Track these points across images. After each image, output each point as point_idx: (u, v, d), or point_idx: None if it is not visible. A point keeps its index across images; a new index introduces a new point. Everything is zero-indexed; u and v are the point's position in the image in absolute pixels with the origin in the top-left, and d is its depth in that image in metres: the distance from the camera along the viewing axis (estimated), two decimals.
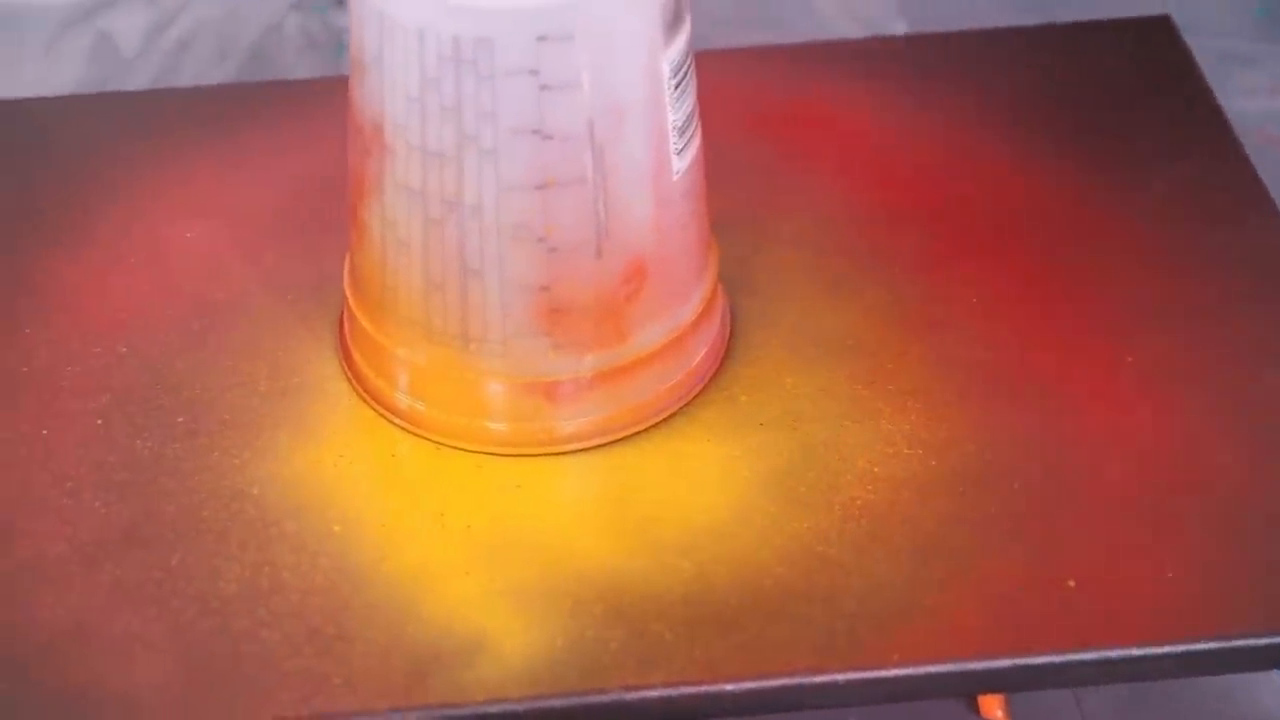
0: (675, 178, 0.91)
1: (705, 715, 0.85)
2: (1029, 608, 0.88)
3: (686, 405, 0.96)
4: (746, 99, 1.12)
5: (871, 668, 0.85)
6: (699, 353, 0.96)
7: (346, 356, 0.98)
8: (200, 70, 1.42)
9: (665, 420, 0.96)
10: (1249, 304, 1.00)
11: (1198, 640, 0.86)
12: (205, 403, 0.96)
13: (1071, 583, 0.88)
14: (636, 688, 0.85)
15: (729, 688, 0.85)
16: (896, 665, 0.85)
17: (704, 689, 0.85)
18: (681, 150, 0.91)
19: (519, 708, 0.84)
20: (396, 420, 0.95)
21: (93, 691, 0.85)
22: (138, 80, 1.45)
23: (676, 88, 0.90)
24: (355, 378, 0.97)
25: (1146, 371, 0.98)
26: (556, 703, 0.84)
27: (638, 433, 0.95)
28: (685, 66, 0.90)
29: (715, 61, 1.13)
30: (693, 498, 0.92)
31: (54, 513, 0.91)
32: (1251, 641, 0.86)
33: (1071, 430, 0.95)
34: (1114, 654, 0.85)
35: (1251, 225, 1.04)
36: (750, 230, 1.05)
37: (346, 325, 0.97)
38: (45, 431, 0.95)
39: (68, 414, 0.96)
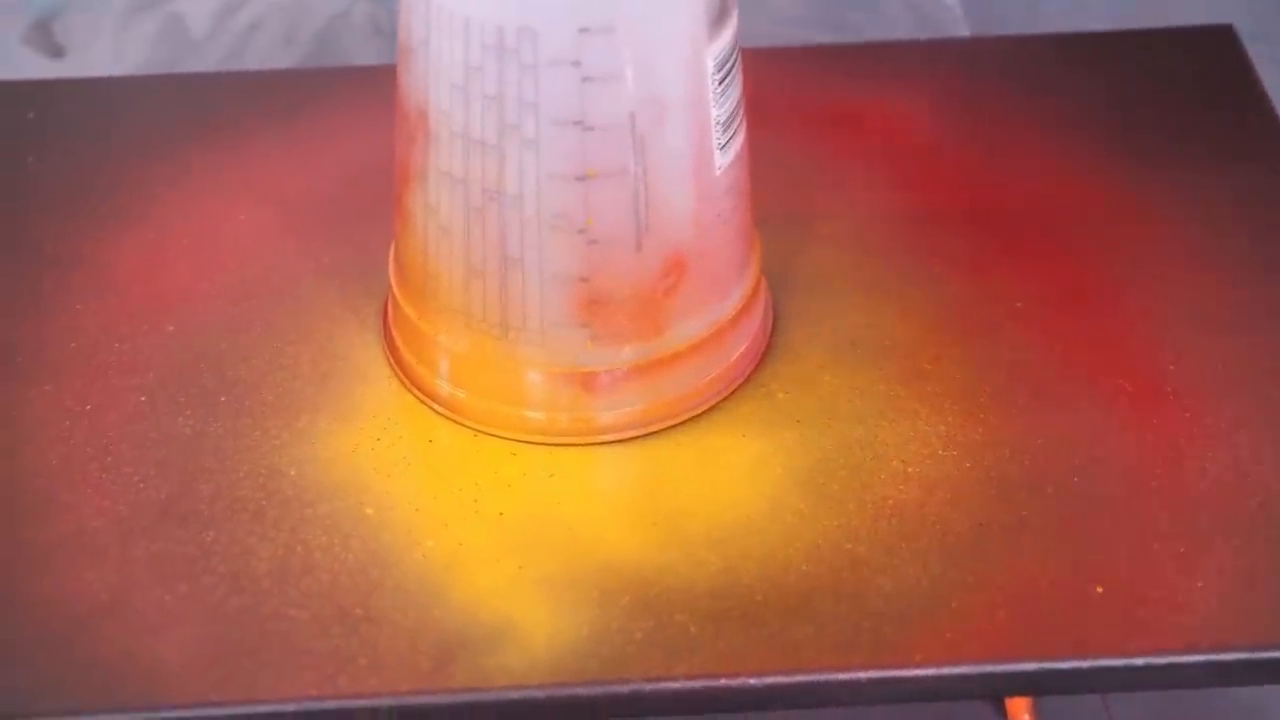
0: (718, 173, 0.91)
1: (727, 708, 0.86)
2: (1056, 612, 0.88)
3: (724, 400, 0.97)
4: (801, 97, 1.12)
5: (894, 666, 0.85)
6: (738, 349, 0.97)
7: (389, 342, 0.98)
8: (267, 54, 1.43)
9: (702, 415, 0.96)
10: None
11: (1225, 650, 0.85)
12: (249, 383, 0.97)
13: (1100, 589, 0.88)
14: (658, 679, 0.85)
15: (751, 681, 0.85)
16: (919, 665, 0.85)
17: (726, 682, 0.85)
18: (725, 145, 0.91)
19: (541, 695, 0.85)
20: (435, 406, 0.96)
21: (122, 665, 0.86)
22: (205, 62, 1.47)
23: (721, 83, 0.90)
24: (397, 363, 0.97)
25: (1189, 379, 0.97)
26: (579, 691, 0.85)
27: (673, 426, 0.96)
28: (730, 62, 0.90)
29: (771, 59, 1.13)
30: (724, 492, 0.93)
31: (94, 487, 0.92)
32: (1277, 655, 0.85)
33: (1109, 436, 0.94)
34: (1137, 661, 0.84)
35: None
36: (796, 228, 1.05)
37: (390, 311, 0.98)
38: (89, 406, 0.96)
39: (112, 390, 0.97)
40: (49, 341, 0.99)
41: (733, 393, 0.97)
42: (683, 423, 0.96)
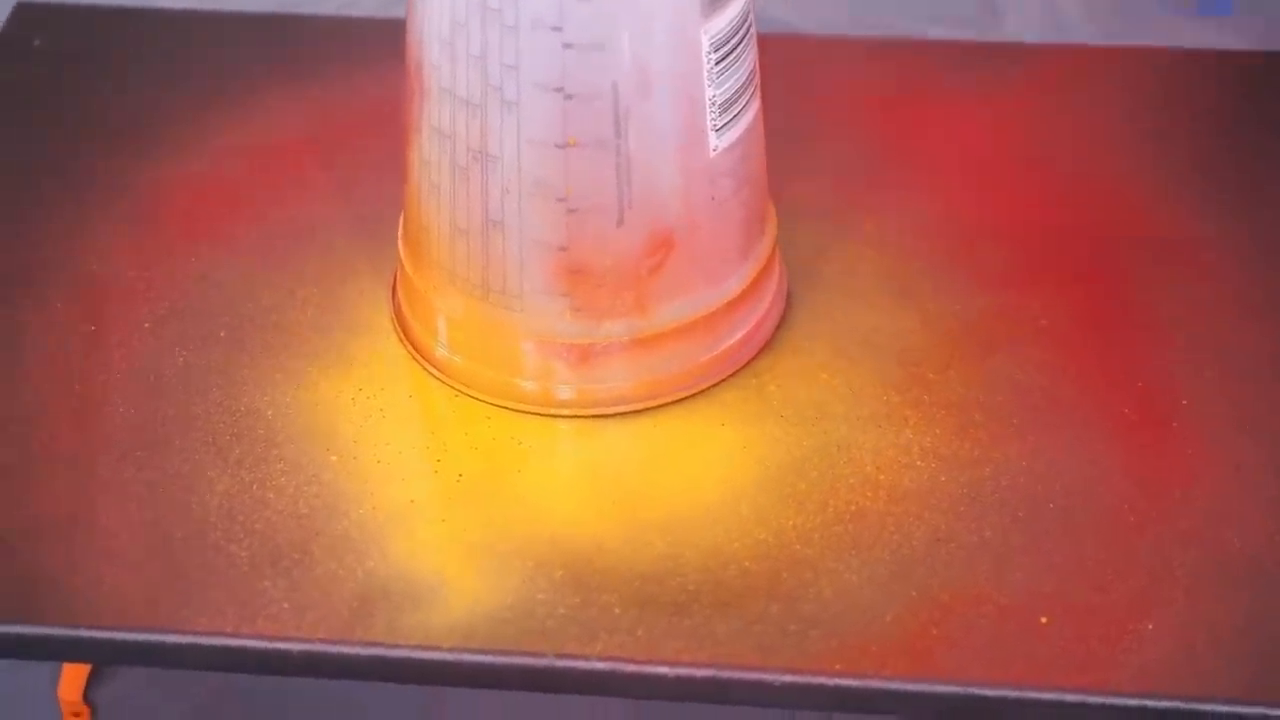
0: (712, 154, 0.90)
1: (637, 695, 0.84)
2: (992, 637, 0.84)
3: (712, 387, 0.95)
4: (861, 90, 1.10)
5: (809, 673, 0.83)
6: (732, 337, 0.95)
7: (392, 294, 0.98)
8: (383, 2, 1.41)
9: (686, 399, 0.94)
10: None
11: (1153, 697, 0.81)
12: (253, 323, 0.98)
13: (1045, 619, 0.85)
14: (569, 656, 0.84)
15: (662, 670, 0.83)
16: (835, 675, 0.83)
17: (636, 668, 0.84)
18: (722, 128, 0.90)
19: (448, 658, 0.84)
20: (421, 361, 0.95)
21: (59, 581, 0.87)
22: (327, 5, 1.46)
23: (719, 63, 0.88)
24: (395, 317, 0.98)
25: (1197, 418, 0.93)
26: (486, 659, 0.84)
27: (653, 407, 0.94)
28: (734, 43, 0.89)
29: (837, 49, 1.11)
30: (687, 479, 0.91)
31: (75, 408, 0.94)
32: (1214, 708, 0.81)
33: (1099, 468, 0.91)
34: (1048, 696, 0.81)
35: None
36: (832, 223, 1.03)
37: (397, 266, 0.98)
38: (92, 328, 0.98)
39: (121, 316, 0.99)
40: (73, 261, 1.01)
41: (723, 380, 0.95)
42: (663, 405, 0.94)
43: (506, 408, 0.94)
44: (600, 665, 0.84)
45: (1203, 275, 1.00)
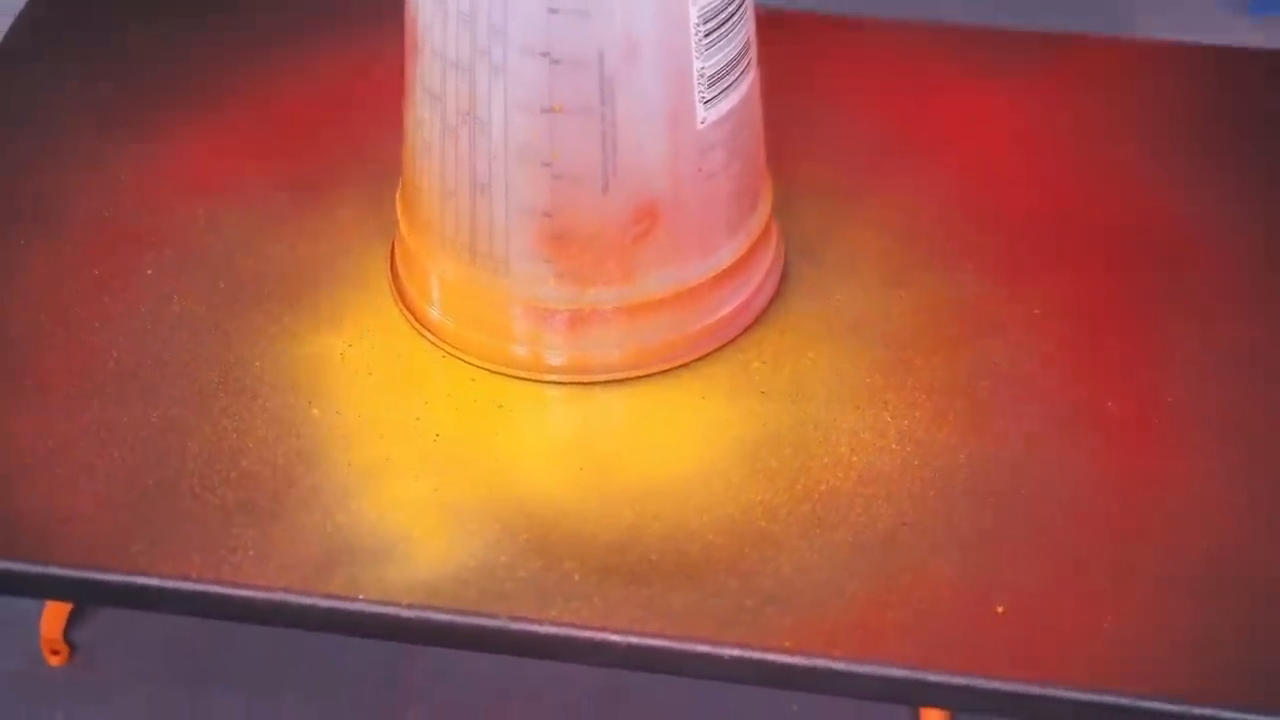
0: (700, 126, 0.90)
1: (587, 661, 0.85)
2: (946, 623, 0.85)
3: (696, 360, 0.95)
4: (876, 72, 1.10)
5: (759, 649, 0.83)
6: (720, 310, 0.95)
7: (391, 255, 0.99)
8: None
9: (668, 370, 0.95)
10: None
11: (1099, 693, 0.81)
12: (254, 275, 0.99)
13: (1000, 608, 0.85)
14: (523, 619, 0.84)
15: (613, 638, 0.84)
16: (785, 652, 0.83)
17: (589, 635, 0.84)
18: (711, 100, 0.90)
19: (405, 614, 0.85)
20: (414, 322, 0.96)
21: (36, 518, 0.89)
22: None
23: (707, 36, 0.88)
24: (391, 276, 0.98)
25: (1183, 417, 0.93)
26: (439, 618, 0.85)
27: (635, 377, 0.94)
28: (724, 16, 0.89)
29: (858, 29, 1.11)
30: (662, 451, 0.91)
31: (66, 348, 0.95)
32: (1160, 706, 0.81)
33: (1073, 461, 0.91)
34: (993, 685, 0.81)
35: None
36: (839, 204, 1.03)
37: (395, 226, 0.99)
38: (96, 272, 1.00)
39: (124, 261, 1.00)
40: (84, 201, 1.03)
41: (710, 353, 0.95)
42: (646, 375, 0.95)
43: (493, 371, 0.94)
44: (553, 630, 0.84)
45: (1204, 274, 0.99)
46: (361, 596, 0.86)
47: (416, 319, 0.97)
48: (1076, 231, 1.02)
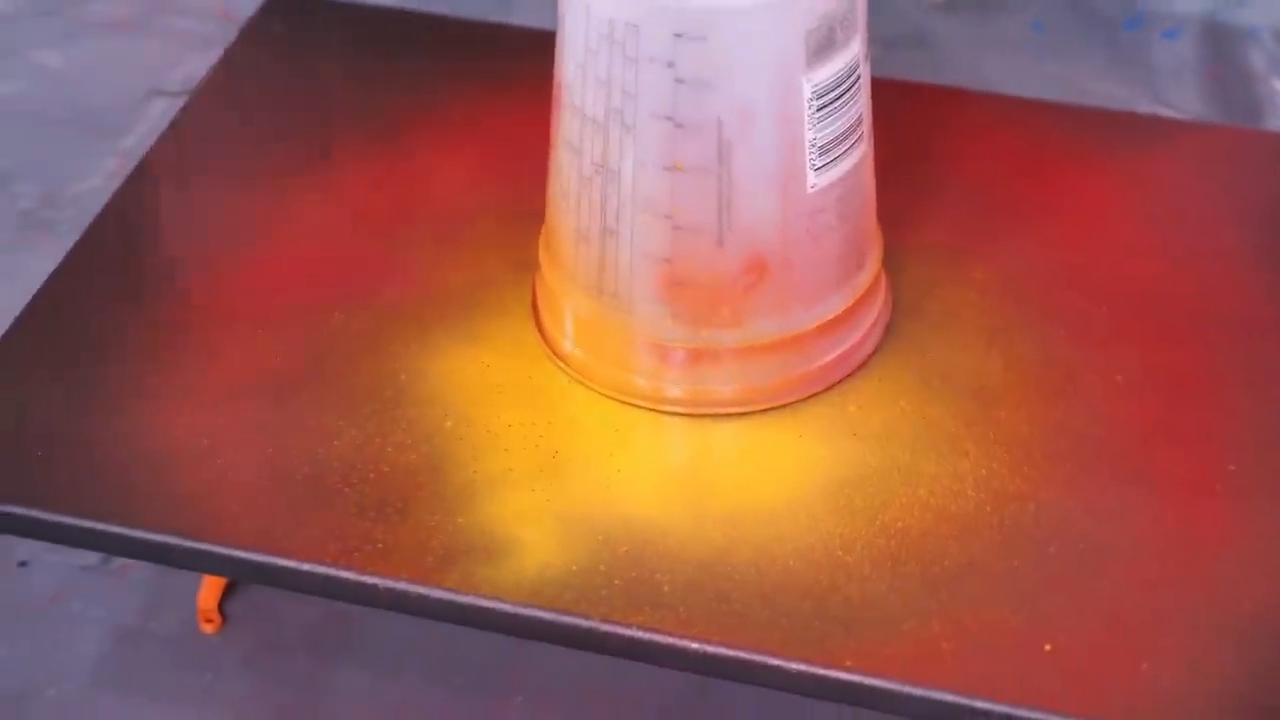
0: (810, 190, 0.99)
1: (665, 664, 0.94)
2: (996, 656, 0.93)
3: (798, 401, 1.04)
4: (997, 144, 1.18)
5: (820, 664, 0.92)
6: (824, 357, 1.04)
7: (533, 288, 1.10)
8: None
9: (772, 409, 1.04)
10: None
11: None
12: (410, 296, 1.10)
13: (1048, 647, 0.93)
14: (613, 622, 0.94)
15: (692, 646, 0.93)
16: (844, 669, 0.92)
17: (669, 640, 0.94)
18: (822, 167, 0.99)
19: (511, 609, 0.95)
20: (547, 350, 1.07)
21: (195, 501, 1.00)
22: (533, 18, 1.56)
23: (821, 109, 0.98)
24: (532, 306, 1.09)
25: (1241, 483, 1.00)
26: (544, 615, 0.95)
27: (742, 413, 1.04)
28: (840, 91, 0.98)
29: (987, 103, 1.20)
30: (757, 482, 1.01)
31: (224, 345, 1.06)
32: None
33: (1135, 518, 0.98)
34: (1037, 716, 0.89)
35: None
36: (945, 263, 1.12)
37: (536, 262, 1.10)
38: (265, 288, 1.11)
39: (287, 271, 1.11)
40: (263, 213, 1.14)
41: (811, 396, 1.04)
42: (751, 412, 1.04)
43: (615, 399, 1.04)
44: (638, 634, 0.94)
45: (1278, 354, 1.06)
46: (474, 592, 0.95)
47: (550, 347, 1.07)
48: (1164, 306, 1.09)
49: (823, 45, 0.97)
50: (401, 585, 0.96)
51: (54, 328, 1.08)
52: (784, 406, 1.04)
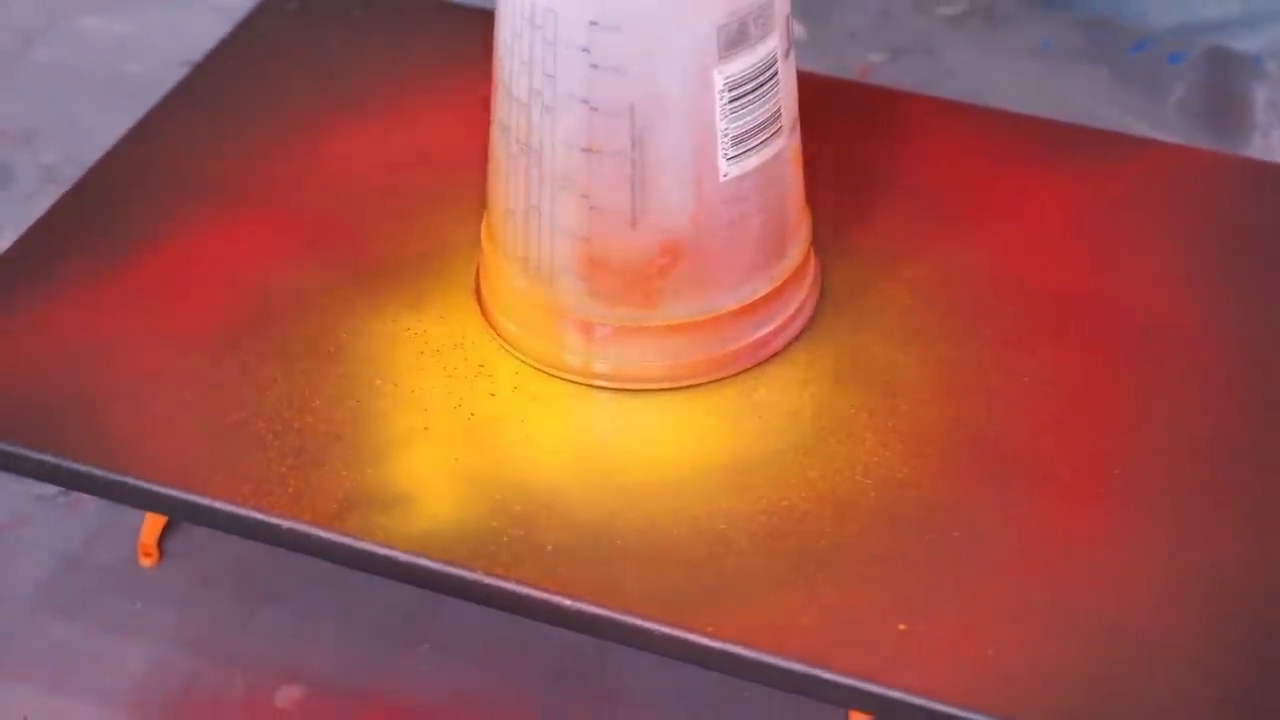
0: (722, 180, 1.04)
1: (540, 619, 0.99)
2: (850, 632, 0.97)
3: (709, 382, 1.09)
4: (940, 150, 1.21)
5: (681, 628, 0.97)
6: (736, 343, 1.09)
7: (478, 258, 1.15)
8: None
9: (682, 388, 1.09)
10: None
11: (962, 707, 0.93)
12: (362, 261, 1.16)
13: (902, 626, 0.97)
14: (496, 576, 0.99)
15: (565, 603, 0.98)
16: (706, 635, 0.96)
17: (544, 595, 0.99)
18: (735, 158, 1.04)
19: (400, 558, 1.00)
20: (482, 319, 1.12)
21: (129, 438, 1.07)
22: None
23: (734, 101, 1.02)
24: (475, 278, 1.14)
25: (1121, 488, 1.03)
26: (431, 565, 1.00)
27: (653, 389, 1.08)
28: (754, 84, 1.02)
29: (931, 108, 1.23)
30: (658, 456, 1.05)
31: (184, 302, 1.13)
32: None
33: (1012, 513, 1.02)
34: (862, 684, 0.93)
35: None
36: (877, 262, 1.15)
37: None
38: (225, 240, 1.17)
39: (261, 234, 1.17)
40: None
41: (721, 379, 1.09)
42: (668, 389, 1.09)
43: (535, 368, 1.09)
44: (516, 588, 0.99)
45: (1190, 370, 1.09)
46: (369, 539, 1.01)
47: (487, 319, 1.12)
48: (1087, 316, 1.12)
49: (735, 39, 1.01)
50: (302, 527, 1.02)
51: (15, 271, 1.15)
52: (698, 386, 1.09)
